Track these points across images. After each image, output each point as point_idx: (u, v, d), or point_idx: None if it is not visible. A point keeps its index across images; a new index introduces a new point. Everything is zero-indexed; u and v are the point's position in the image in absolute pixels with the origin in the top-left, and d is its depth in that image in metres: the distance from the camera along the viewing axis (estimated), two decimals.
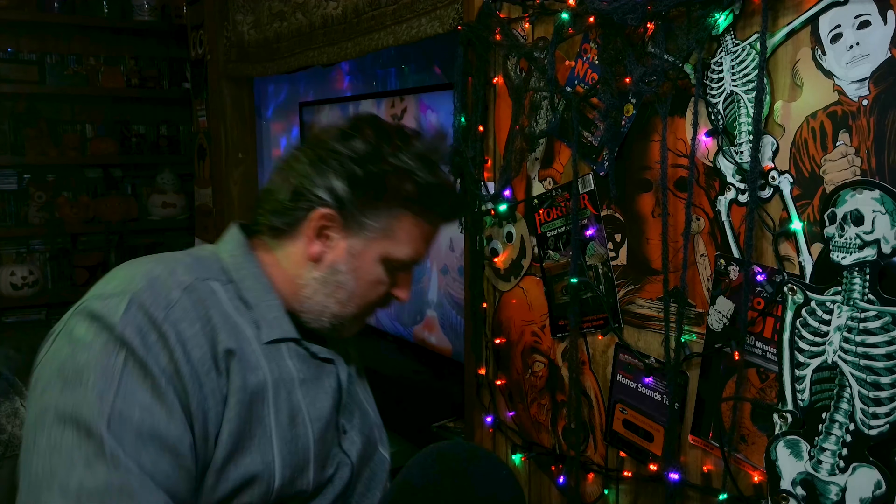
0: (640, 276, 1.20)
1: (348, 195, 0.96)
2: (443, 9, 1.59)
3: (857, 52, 0.89)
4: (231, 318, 0.92)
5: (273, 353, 0.94)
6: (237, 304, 0.95)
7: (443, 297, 2.01)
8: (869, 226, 0.89)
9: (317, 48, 2.11)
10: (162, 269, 0.91)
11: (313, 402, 0.96)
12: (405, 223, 1.00)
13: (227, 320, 0.91)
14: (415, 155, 0.99)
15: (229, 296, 0.94)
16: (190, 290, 0.90)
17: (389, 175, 0.97)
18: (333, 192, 0.96)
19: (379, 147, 0.98)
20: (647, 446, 1.21)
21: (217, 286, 0.94)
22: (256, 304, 0.96)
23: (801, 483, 0.98)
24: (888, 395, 0.89)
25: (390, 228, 0.99)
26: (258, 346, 0.93)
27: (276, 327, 0.96)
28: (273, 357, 0.94)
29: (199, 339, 0.87)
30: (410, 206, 0.99)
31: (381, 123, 1.02)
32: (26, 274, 3.35)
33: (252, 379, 0.90)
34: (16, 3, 3.30)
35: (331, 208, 0.97)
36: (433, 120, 2.00)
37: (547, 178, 1.36)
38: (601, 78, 1.19)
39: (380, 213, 0.98)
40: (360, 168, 0.96)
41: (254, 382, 0.90)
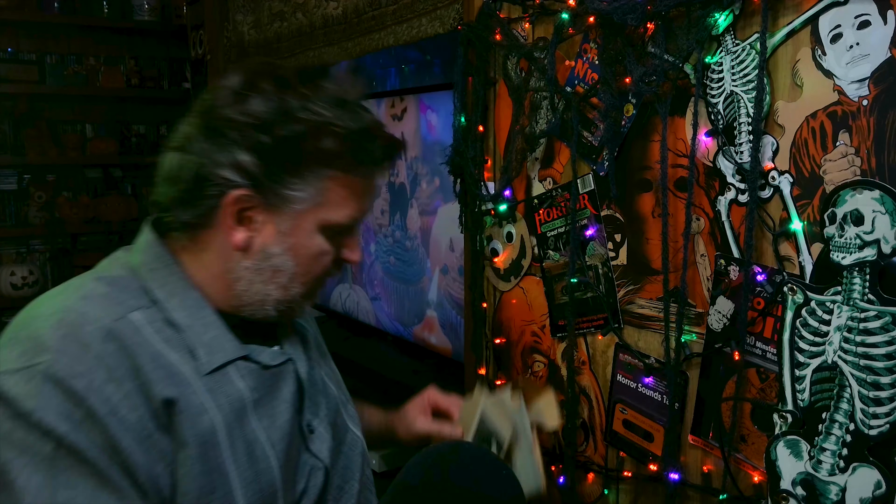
0: (640, 276, 1.20)
1: (260, 169, 0.82)
2: (443, 9, 1.59)
3: (857, 52, 0.89)
4: (163, 357, 0.80)
5: (219, 383, 0.84)
6: (166, 332, 0.83)
7: (443, 297, 2.01)
8: (869, 226, 0.89)
9: (317, 48, 2.11)
10: (74, 315, 0.78)
11: (273, 422, 0.88)
12: (336, 183, 0.86)
13: (158, 363, 0.80)
14: (328, 101, 0.85)
15: (156, 326, 0.82)
16: (109, 338, 0.78)
17: (303, 135, 0.83)
18: (242, 169, 0.82)
19: (283, 102, 0.83)
20: (647, 446, 1.21)
21: (139, 317, 0.81)
22: (189, 326, 0.84)
23: (801, 483, 0.98)
24: (888, 395, 0.89)
25: (320, 194, 0.86)
26: (199, 381, 0.82)
27: (216, 350, 0.85)
28: (219, 388, 0.83)
29: (133, 400, 0.76)
30: (336, 163, 0.85)
31: (278, 71, 0.87)
32: (26, 274, 3.35)
33: (199, 426, 0.80)
34: (16, 3, 3.30)
35: (244, 188, 0.83)
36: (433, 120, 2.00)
37: (547, 178, 1.36)
38: (601, 78, 1.19)
39: (304, 180, 0.85)
40: (267, 134, 0.82)
41: (202, 430, 0.80)
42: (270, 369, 0.90)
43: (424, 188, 2.05)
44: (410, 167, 2.11)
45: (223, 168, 0.82)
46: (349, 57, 1.98)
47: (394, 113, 2.16)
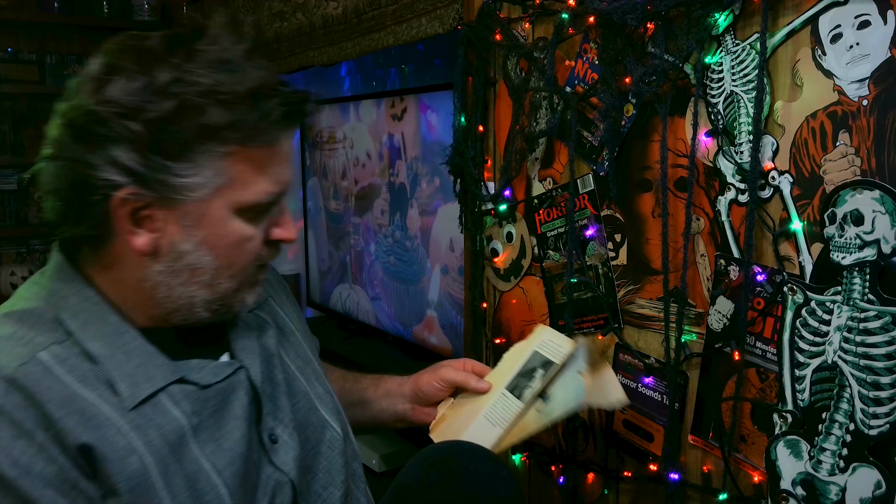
0: (640, 276, 1.20)
1: (140, 162, 0.72)
2: (443, 9, 1.59)
3: (857, 52, 0.89)
4: (77, 399, 0.73)
5: (147, 417, 0.76)
6: (82, 369, 0.75)
7: (443, 297, 2.01)
8: (869, 226, 0.89)
9: (317, 48, 2.11)
10: None
11: (219, 446, 0.80)
12: (235, 159, 0.76)
13: (72, 407, 0.72)
14: (207, 65, 0.73)
15: (70, 364, 0.74)
16: (13, 389, 0.71)
17: (178, 111, 0.72)
18: (121, 166, 0.72)
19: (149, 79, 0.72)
20: (647, 446, 1.21)
21: (49, 357, 0.74)
22: (109, 356, 0.76)
23: (801, 483, 0.98)
24: (888, 395, 0.89)
25: (219, 174, 0.75)
26: (123, 419, 0.74)
27: (141, 381, 0.77)
28: (148, 422, 0.76)
29: (49, 451, 0.69)
30: (228, 136, 0.74)
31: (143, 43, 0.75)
32: (26, 274, 3.35)
33: (127, 469, 0.73)
34: (16, 3, 3.30)
35: (128, 187, 0.73)
36: (433, 120, 2.00)
37: (547, 178, 1.36)
38: (601, 78, 1.19)
39: (194, 163, 0.74)
40: (135, 120, 0.71)
41: (130, 473, 0.73)
42: (213, 387, 0.82)
43: (424, 188, 2.05)
44: (410, 167, 2.11)
45: (100, 169, 0.72)
46: (349, 57, 1.98)
47: (394, 113, 2.16)
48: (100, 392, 0.75)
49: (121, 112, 0.71)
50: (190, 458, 0.78)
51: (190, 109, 0.72)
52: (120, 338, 0.79)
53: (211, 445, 0.80)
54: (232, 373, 0.85)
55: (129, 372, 0.77)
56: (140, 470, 0.74)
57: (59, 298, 0.79)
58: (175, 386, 0.80)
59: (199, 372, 0.82)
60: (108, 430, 0.73)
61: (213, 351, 0.87)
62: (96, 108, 0.72)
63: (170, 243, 0.77)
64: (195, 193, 0.75)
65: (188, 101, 0.72)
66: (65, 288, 0.80)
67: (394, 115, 2.16)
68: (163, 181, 0.74)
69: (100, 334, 0.78)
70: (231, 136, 0.74)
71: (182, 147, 0.73)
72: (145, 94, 0.72)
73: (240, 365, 0.87)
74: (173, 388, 0.79)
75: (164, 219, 0.76)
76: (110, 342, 0.78)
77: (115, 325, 0.79)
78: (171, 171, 0.74)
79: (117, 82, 0.72)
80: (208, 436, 0.80)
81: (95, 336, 0.78)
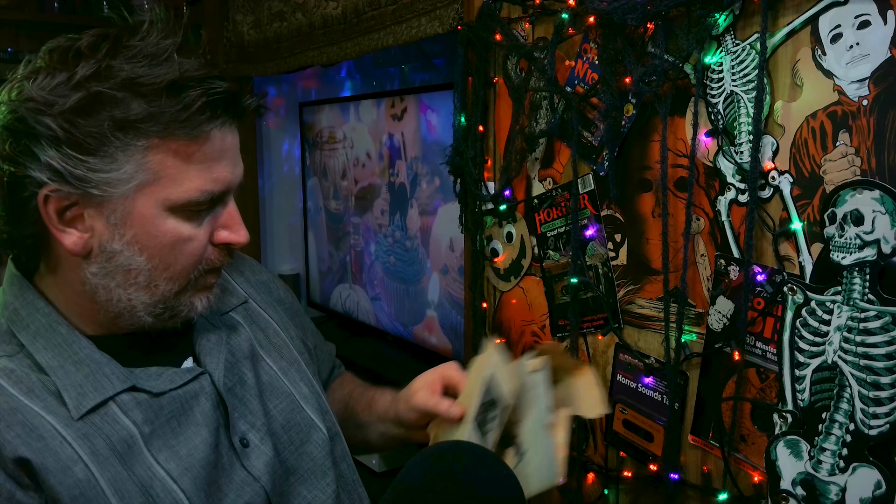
0: (640, 276, 1.20)
1: (58, 158, 0.71)
2: (443, 9, 1.59)
3: (857, 52, 0.89)
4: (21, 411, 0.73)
5: (96, 425, 0.75)
6: (30, 380, 0.75)
7: (443, 297, 2.01)
8: (869, 226, 0.89)
9: (317, 48, 2.11)
10: None
11: (174, 453, 0.79)
12: (158, 153, 0.73)
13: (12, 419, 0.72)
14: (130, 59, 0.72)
15: (17, 376, 0.75)
16: None
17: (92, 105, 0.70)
18: (43, 163, 0.71)
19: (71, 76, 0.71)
20: (647, 446, 1.21)
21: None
22: (57, 367, 0.76)
23: (801, 483, 0.98)
24: (888, 395, 0.89)
25: (142, 169, 0.73)
26: (69, 429, 0.74)
27: (89, 391, 0.76)
28: (96, 431, 0.75)
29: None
30: (147, 129, 0.72)
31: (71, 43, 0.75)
32: None
33: (69, 479, 0.72)
34: (16, 3, 3.30)
35: (51, 185, 0.72)
36: (433, 120, 2.00)
37: (547, 178, 1.36)
38: (601, 78, 1.19)
39: (113, 158, 0.72)
40: (49, 116, 0.70)
41: (73, 482, 0.72)
42: (168, 395, 0.80)
43: (424, 188, 2.05)
44: (410, 167, 2.11)
45: (25, 167, 0.72)
46: (348, 57, 1.98)
47: (394, 113, 2.16)
48: (46, 403, 0.75)
49: (35, 108, 0.71)
50: (143, 466, 0.77)
51: (103, 102, 0.71)
52: (69, 348, 0.78)
53: (166, 452, 0.78)
54: (191, 379, 0.84)
55: (78, 382, 0.76)
56: (86, 479, 0.73)
57: (11, 311, 0.79)
58: (126, 395, 0.78)
59: (155, 379, 0.81)
60: (52, 441, 0.73)
61: (175, 357, 0.86)
62: (17, 107, 0.72)
63: (100, 243, 0.76)
64: (117, 189, 0.73)
65: (102, 94, 0.71)
66: (16, 300, 0.80)
67: (394, 115, 2.16)
68: (82, 177, 0.72)
69: (49, 345, 0.78)
70: (149, 128, 0.72)
71: (98, 141, 0.72)
72: (60, 90, 0.71)
73: (201, 371, 0.85)
74: (124, 398, 0.78)
75: (91, 217, 0.75)
76: (60, 353, 0.77)
77: (65, 335, 0.79)
78: (89, 167, 0.72)
79: (38, 80, 0.72)
80: (163, 443, 0.79)
81: (46, 347, 0.77)
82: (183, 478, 0.78)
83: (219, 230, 0.81)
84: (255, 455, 0.86)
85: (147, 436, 0.78)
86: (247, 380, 0.89)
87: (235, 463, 0.84)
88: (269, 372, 0.94)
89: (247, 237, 0.81)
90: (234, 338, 0.92)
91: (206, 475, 0.80)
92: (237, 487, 0.83)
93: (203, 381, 0.84)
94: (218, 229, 0.81)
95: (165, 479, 0.77)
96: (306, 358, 1.03)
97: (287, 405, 0.93)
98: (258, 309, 1.00)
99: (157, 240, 0.76)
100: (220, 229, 0.81)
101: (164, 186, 0.74)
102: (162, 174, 0.74)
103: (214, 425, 0.83)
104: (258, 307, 1.01)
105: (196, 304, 0.82)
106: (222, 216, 0.81)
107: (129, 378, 0.79)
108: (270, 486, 0.86)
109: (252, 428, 0.87)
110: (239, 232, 0.81)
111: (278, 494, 0.88)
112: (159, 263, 0.77)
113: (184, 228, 0.77)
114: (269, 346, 0.96)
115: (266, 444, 0.87)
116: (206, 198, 0.77)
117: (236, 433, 0.86)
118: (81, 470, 0.73)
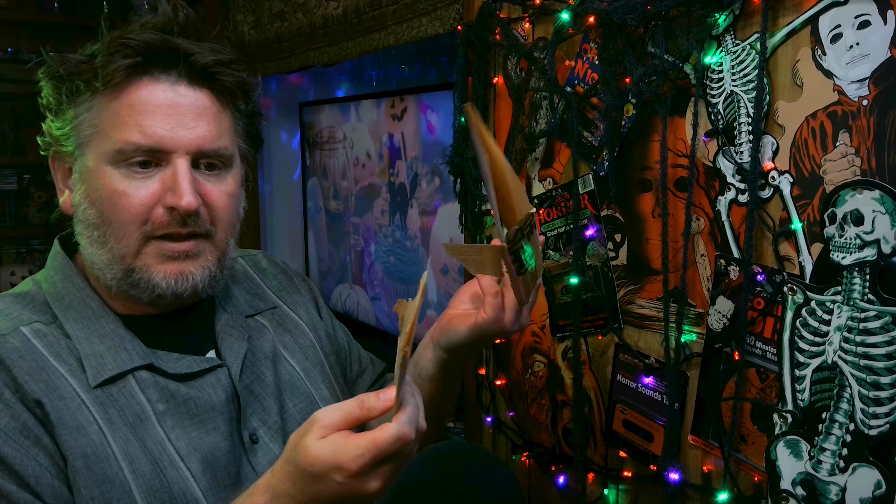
0: (640, 276, 1.20)
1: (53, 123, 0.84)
2: (443, 9, 1.59)
3: (857, 52, 0.89)
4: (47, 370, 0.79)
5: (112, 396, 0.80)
6: (60, 345, 0.81)
7: (443, 297, 2.01)
8: (869, 226, 0.89)
9: (317, 48, 2.11)
10: None
11: (185, 433, 0.82)
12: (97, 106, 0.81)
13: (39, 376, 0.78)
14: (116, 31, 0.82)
15: (49, 339, 0.81)
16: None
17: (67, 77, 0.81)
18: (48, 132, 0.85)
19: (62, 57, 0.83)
20: (647, 446, 1.21)
21: (30, 332, 0.81)
22: (84, 338, 0.82)
23: (801, 483, 0.98)
24: (888, 395, 0.89)
25: (88, 124, 0.81)
26: (88, 394, 0.79)
27: (108, 362, 0.81)
28: (111, 401, 0.80)
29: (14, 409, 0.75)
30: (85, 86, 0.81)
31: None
32: (26, 274, 3.35)
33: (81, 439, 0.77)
34: (16, 3, 3.30)
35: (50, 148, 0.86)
36: (433, 120, 2.00)
37: (547, 178, 1.36)
38: (601, 78, 1.19)
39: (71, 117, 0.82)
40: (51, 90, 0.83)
41: (85, 443, 0.77)
42: (185, 379, 0.85)
43: (424, 188, 2.05)
44: (410, 167, 2.11)
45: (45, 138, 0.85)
46: (349, 57, 1.98)
47: (394, 113, 2.16)
48: (71, 367, 0.80)
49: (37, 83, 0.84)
50: (154, 440, 0.80)
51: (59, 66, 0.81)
52: (97, 321, 0.84)
53: (177, 431, 0.82)
54: (209, 368, 0.87)
55: (99, 352, 0.82)
56: (98, 442, 0.77)
57: (50, 284, 0.86)
58: (145, 373, 0.83)
59: (174, 363, 0.85)
60: (71, 402, 0.78)
61: (201, 348, 0.90)
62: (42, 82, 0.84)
63: (75, 201, 0.84)
64: (70, 145, 0.82)
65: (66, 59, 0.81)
66: (56, 275, 0.87)
67: (394, 115, 2.16)
68: (56, 138, 0.83)
69: (79, 318, 0.83)
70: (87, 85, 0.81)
71: (59, 103, 0.83)
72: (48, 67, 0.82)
73: (219, 363, 0.88)
74: (143, 375, 0.82)
75: (69, 175, 0.85)
76: (87, 325, 0.83)
77: (95, 309, 0.84)
78: (59, 126, 0.83)
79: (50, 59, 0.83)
80: (175, 422, 0.82)
81: (76, 319, 0.83)
82: (191, 458, 0.81)
83: (165, 193, 0.81)
84: (262, 452, 0.87)
85: (161, 413, 0.82)
86: (265, 378, 0.92)
87: (242, 457, 0.86)
88: (290, 371, 0.96)
89: (190, 203, 0.80)
90: (256, 338, 0.94)
91: (212, 461, 0.83)
92: (244, 479, 0.85)
93: (220, 374, 0.87)
94: (165, 192, 0.81)
95: (174, 455, 0.80)
96: (332, 360, 1.04)
97: (306, 405, 0.94)
98: (288, 311, 1.03)
99: (99, 192, 0.81)
100: (167, 192, 0.81)
101: (101, 140, 0.81)
102: (99, 128, 0.81)
103: (228, 416, 0.86)
104: (289, 309, 1.03)
105: (154, 275, 0.82)
106: (167, 178, 0.81)
107: (149, 357, 0.84)
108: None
109: (263, 425, 0.89)
110: (179, 196, 0.80)
111: None
112: (104, 218, 0.81)
113: (119, 183, 0.80)
114: (295, 348, 0.99)
115: (275, 443, 0.88)
116: (131, 149, 0.80)
117: (247, 428, 0.87)
118: (95, 432, 0.77)
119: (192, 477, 0.80)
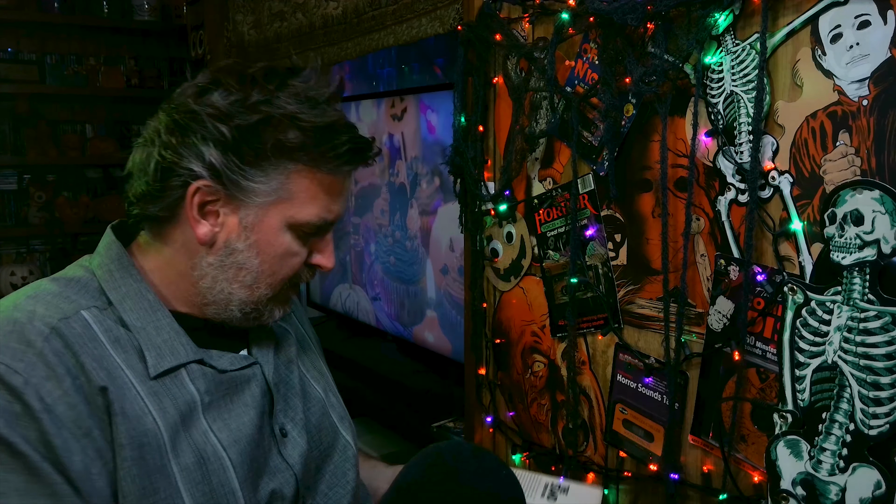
0: (640, 276, 1.20)
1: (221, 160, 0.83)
2: (443, 9, 1.59)
3: (857, 52, 0.89)
4: (107, 359, 0.81)
5: (166, 387, 0.84)
6: (117, 332, 0.83)
7: (443, 297, 2.01)
8: (869, 226, 0.89)
9: (317, 48, 2.11)
10: (20, 314, 0.79)
11: (226, 425, 0.87)
12: (300, 178, 0.86)
13: (102, 364, 0.80)
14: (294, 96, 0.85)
15: (107, 325, 0.83)
16: (53, 336, 0.78)
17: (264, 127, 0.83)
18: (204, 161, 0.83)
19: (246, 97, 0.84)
20: (647, 446, 1.21)
21: (90, 316, 0.82)
22: (141, 328, 0.85)
23: (801, 483, 0.98)
24: (888, 395, 0.89)
25: (284, 188, 0.86)
26: (145, 384, 0.82)
27: (166, 354, 0.85)
28: (166, 391, 0.83)
29: (71, 398, 0.76)
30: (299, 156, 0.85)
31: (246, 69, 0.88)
32: (26, 274, 3.35)
33: (138, 429, 0.80)
34: (16, 3, 3.30)
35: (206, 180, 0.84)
36: (433, 120, 2.00)
37: (547, 178, 1.36)
38: (601, 78, 1.19)
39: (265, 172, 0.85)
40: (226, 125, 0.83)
41: (140, 432, 0.80)
42: (228, 374, 0.89)
43: (424, 188, 2.05)
44: (410, 167, 2.11)
45: (186, 160, 0.84)
46: (349, 57, 1.98)
47: (394, 113, 2.16)
48: (128, 356, 0.83)
49: (215, 115, 0.83)
50: (199, 430, 0.85)
51: (272, 126, 0.83)
52: (154, 314, 0.87)
53: (219, 423, 0.86)
54: (247, 365, 0.92)
55: (157, 344, 0.85)
56: (151, 431, 0.80)
57: (105, 272, 0.88)
58: (195, 365, 0.87)
59: (218, 359, 0.90)
60: (128, 392, 0.81)
61: (234, 347, 0.94)
62: (196, 109, 0.84)
63: (226, 239, 0.87)
64: (258, 198, 0.85)
65: (272, 119, 0.83)
66: (112, 264, 0.88)
67: (394, 115, 2.16)
68: (235, 181, 0.84)
69: (136, 307, 0.86)
70: (301, 156, 0.85)
71: (258, 155, 0.84)
72: (238, 106, 0.84)
73: (255, 360, 0.94)
74: (193, 367, 0.87)
75: (226, 215, 0.86)
76: (144, 316, 0.86)
77: (152, 302, 0.87)
78: (244, 174, 0.84)
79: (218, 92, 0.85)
80: (217, 414, 0.87)
81: (132, 308, 0.86)
82: (231, 448, 0.86)
83: (315, 253, 0.92)
84: (292, 445, 0.93)
85: (206, 405, 0.86)
86: (290, 380, 0.98)
87: (273, 449, 0.91)
88: (304, 378, 1.02)
89: (334, 264, 0.94)
90: (283, 343, 1.00)
91: (249, 451, 0.87)
92: (271, 471, 0.90)
93: (255, 370, 0.93)
94: (314, 252, 0.92)
95: (216, 445, 0.85)
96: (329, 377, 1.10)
97: (319, 410, 1.00)
98: (297, 323, 1.09)
99: (274, 249, 0.88)
100: (316, 253, 0.92)
101: (294, 206, 0.87)
102: (295, 196, 0.86)
103: (261, 410, 0.91)
104: (297, 321, 1.10)
105: (275, 312, 0.93)
106: (321, 242, 0.92)
107: (199, 352, 0.88)
108: (302, 475, 0.93)
109: (291, 421, 0.95)
110: (330, 258, 0.93)
111: (306, 486, 0.94)
112: (268, 269, 0.88)
113: (294, 244, 0.89)
114: (305, 357, 1.05)
115: (302, 438, 0.95)
116: (319, 223, 0.89)
117: (277, 422, 0.93)
118: (150, 422, 0.81)
119: (233, 467, 0.85)
